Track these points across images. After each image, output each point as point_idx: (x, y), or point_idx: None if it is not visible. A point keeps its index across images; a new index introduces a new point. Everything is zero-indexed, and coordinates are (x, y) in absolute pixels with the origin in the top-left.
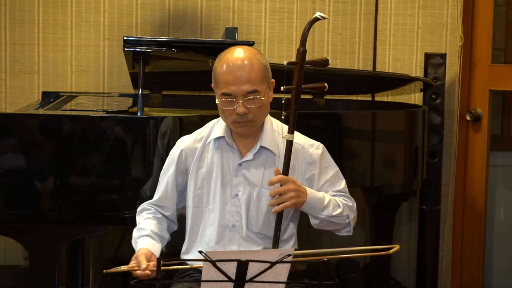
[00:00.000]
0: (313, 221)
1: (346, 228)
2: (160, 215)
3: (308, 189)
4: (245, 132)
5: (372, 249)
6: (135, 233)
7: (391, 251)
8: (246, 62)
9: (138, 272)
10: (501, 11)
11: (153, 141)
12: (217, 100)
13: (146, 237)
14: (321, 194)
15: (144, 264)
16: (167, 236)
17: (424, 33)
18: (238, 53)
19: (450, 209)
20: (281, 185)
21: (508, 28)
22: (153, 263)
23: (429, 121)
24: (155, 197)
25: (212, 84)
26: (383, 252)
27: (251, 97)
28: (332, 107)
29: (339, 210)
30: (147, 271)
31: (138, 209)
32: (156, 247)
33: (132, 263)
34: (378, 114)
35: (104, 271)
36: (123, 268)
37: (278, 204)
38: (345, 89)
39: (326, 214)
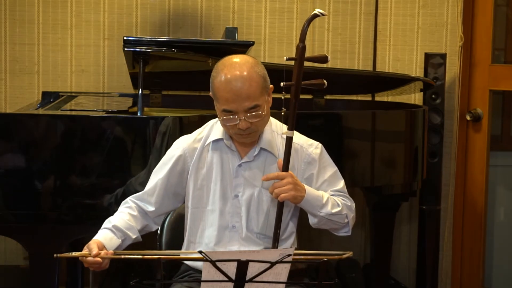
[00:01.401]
0: (312, 220)
1: (345, 228)
2: (136, 213)
3: (307, 187)
4: (247, 141)
5: (326, 253)
6: (103, 224)
7: (344, 256)
8: (245, 77)
9: (89, 259)
10: (501, 11)
11: (153, 141)
12: (217, 114)
13: (107, 230)
14: (319, 192)
15: (95, 251)
16: (134, 236)
17: (424, 33)
18: (236, 68)
19: (450, 209)
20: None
21: (508, 28)
22: (104, 251)
23: (429, 121)
24: (143, 190)
25: (210, 93)
26: (336, 257)
27: (253, 112)
28: (332, 107)
29: (338, 209)
30: (98, 258)
31: (122, 202)
32: (113, 242)
33: (85, 251)
34: (378, 114)
35: (55, 255)
36: (75, 254)
37: (277, 197)
38: (345, 89)
39: (325, 212)
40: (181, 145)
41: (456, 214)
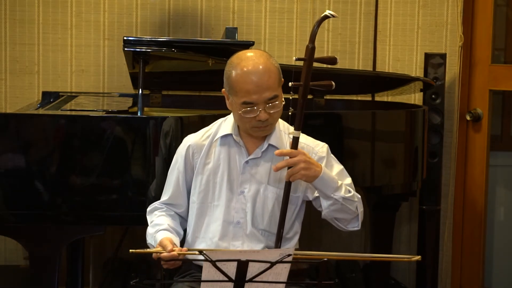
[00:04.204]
0: (324, 203)
1: (354, 221)
2: (172, 213)
3: (323, 167)
4: (264, 134)
5: (394, 257)
6: (151, 229)
7: (413, 259)
8: (264, 69)
9: (164, 254)
10: (501, 11)
11: (153, 141)
12: (230, 106)
13: (165, 231)
14: (335, 176)
15: (169, 247)
16: (182, 232)
17: (424, 33)
18: (253, 60)
19: (450, 209)
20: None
21: (508, 28)
22: (179, 248)
23: (429, 121)
24: (166, 196)
25: (223, 90)
26: (406, 259)
27: (271, 103)
28: (332, 107)
29: (350, 194)
30: (174, 253)
31: (148, 209)
32: (175, 240)
33: (158, 249)
34: (378, 114)
35: (130, 250)
36: (150, 250)
37: (289, 178)
38: (345, 89)
39: (338, 195)
40: (188, 142)
41: (456, 214)
